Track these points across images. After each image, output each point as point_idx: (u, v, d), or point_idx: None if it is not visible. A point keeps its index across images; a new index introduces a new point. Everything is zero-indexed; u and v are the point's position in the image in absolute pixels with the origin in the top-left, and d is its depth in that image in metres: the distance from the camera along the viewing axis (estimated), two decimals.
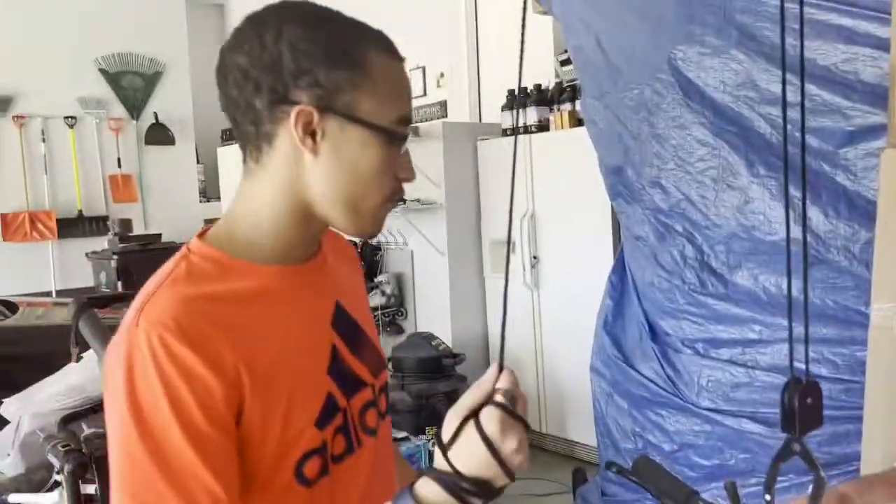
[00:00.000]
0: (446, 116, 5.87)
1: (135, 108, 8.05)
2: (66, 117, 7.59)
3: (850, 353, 2.67)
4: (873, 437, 2.48)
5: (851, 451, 2.64)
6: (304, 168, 0.89)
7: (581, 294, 3.97)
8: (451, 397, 4.01)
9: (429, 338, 4.20)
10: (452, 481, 0.76)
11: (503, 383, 0.79)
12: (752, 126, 2.83)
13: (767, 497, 1.02)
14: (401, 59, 0.94)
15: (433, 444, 0.91)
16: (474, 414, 0.77)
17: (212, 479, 0.77)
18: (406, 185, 0.96)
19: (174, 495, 0.76)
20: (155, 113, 8.15)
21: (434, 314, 4.86)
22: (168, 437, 0.76)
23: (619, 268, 3.51)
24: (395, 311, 5.00)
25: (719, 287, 2.97)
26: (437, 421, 3.52)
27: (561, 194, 4.27)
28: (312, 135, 0.86)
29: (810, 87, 2.70)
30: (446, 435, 0.78)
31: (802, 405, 0.93)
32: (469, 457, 0.76)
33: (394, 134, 0.90)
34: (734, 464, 2.92)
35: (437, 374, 4.05)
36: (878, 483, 1.09)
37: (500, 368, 0.82)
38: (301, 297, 0.94)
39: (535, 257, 4.48)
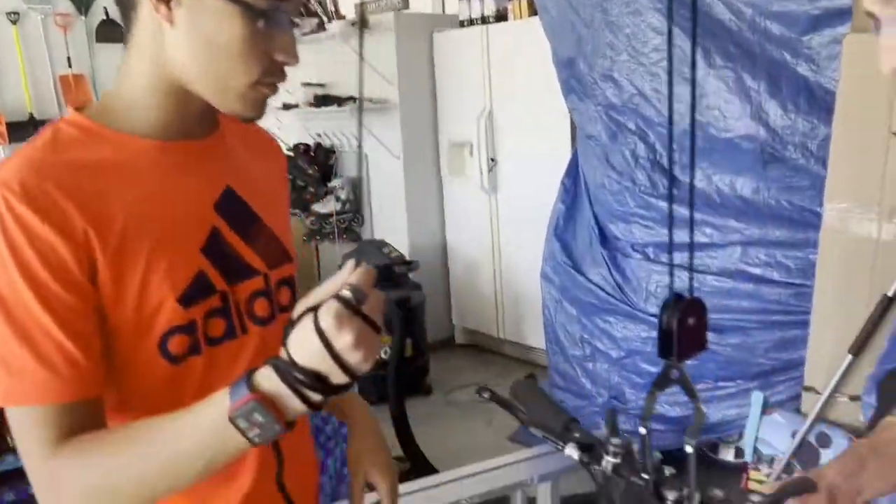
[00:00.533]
0: (407, 7, 5.49)
1: (83, 2, 7.55)
2: (9, 13, 7.11)
3: (805, 255, 2.53)
4: (821, 339, 2.38)
5: (798, 356, 2.55)
6: (165, 39, 0.85)
7: (539, 197, 3.78)
8: (404, 306, 3.91)
9: (380, 245, 4.04)
10: (286, 370, 0.73)
11: (353, 279, 0.74)
12: (709, 11, 2.58)
13: (642, 429, 0.88)
14: None
15: None
16: (317, 306, 0.73)
17: (65, 338, 0.78)
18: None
19: (27, 353, 0.77)
20: (105, 8, 7.64)
21: (390, 220, 4.68)
22: (17, 298, 0.78)
23: (573, 170, 3.32)
24: (350, 217, 4.81)
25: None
26: (389, 331, 3.36)
27: (519, 91, 4.01)
28: (167, 1, 0.82)
29: None
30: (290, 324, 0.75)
31: (683, 326, 0.80)
32: (302, 347, 0.73)
33: (253, 8, 0.82)
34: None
35: (389, 283, 3.93)
36: (870, 458, 0.96)
37: (357, 265, 0.76)
38: (178, 172, 0.91)
39: (492, 159, 4.26)
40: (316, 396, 0.74)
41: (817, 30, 2.42)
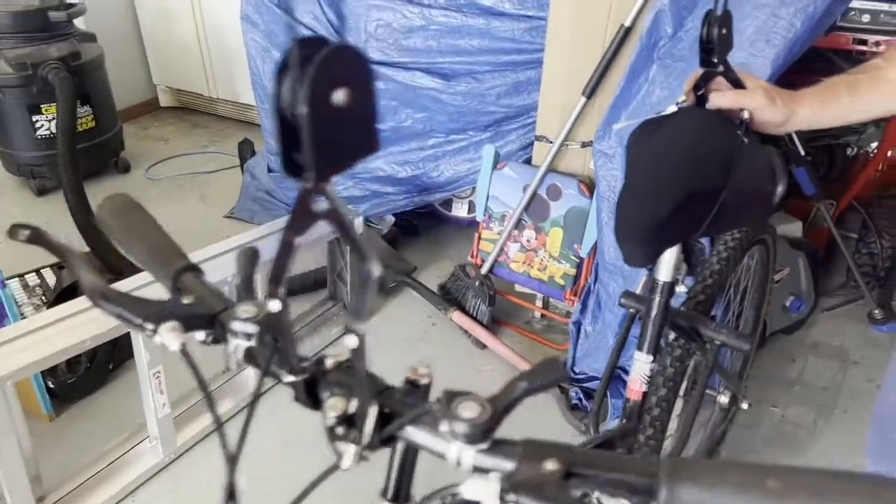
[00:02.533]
0: None
1: None
2: None
3: None
4: (554, 80, 2.11)
5: (531, 101, 2.30)
6: None
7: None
8: (70, 63, 3.04)
9: None
10: None
11: None
12: None
13: None
14: None
15: None
16: None
17: None
18: None
19: None
20: None
21: None
22: None
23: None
24: None
25: None
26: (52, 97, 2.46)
27: None
28: None
29: None
30: None
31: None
32: None
33: None
34: (411, 125, 2.49)
35: (45, 34, 2.98)
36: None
37: None
38: None
39: None
40: None
41: None
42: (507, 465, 0.43)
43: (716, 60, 0.97)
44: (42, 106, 3.01)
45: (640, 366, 1.12)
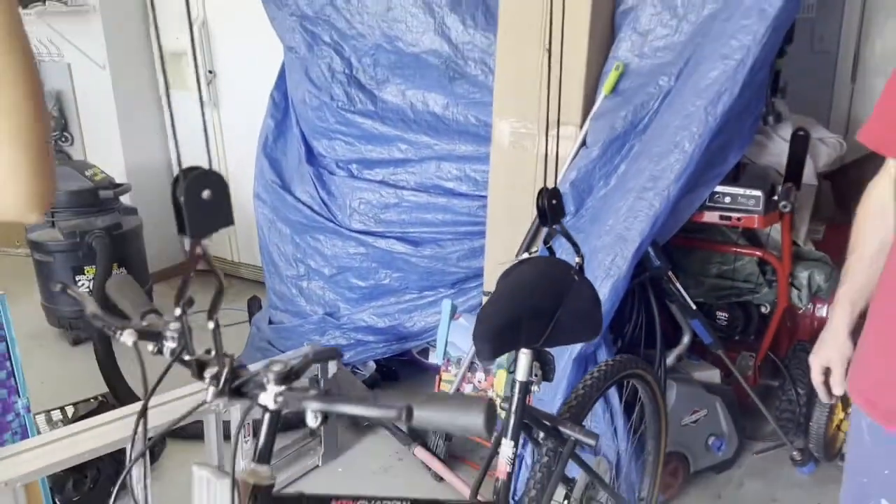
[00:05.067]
0: None
1: None
2: None
3: (488, 168, 2.65)
4: (494, 247, 2.54)
5: (483, 264, 2.72)
6: None
7: (261, 111, 3.61)
8: (113, 233, 3.61)
9: (81, 167, 3.65)
10: None
11: None
12: None
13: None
14: None
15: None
16: None
17: None
18: None
19: None
20: None
21: (104, 138, 4.24)
22: None
23: (282, 84, 3.18)
24: (57, 135, 4.29)
25: (368, 104, 2.78)
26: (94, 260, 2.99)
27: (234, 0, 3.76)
28: None
29: None
30: None
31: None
32: None
33: None
34: (388, 283, 2.92)
35: (94, 208, 3.59)
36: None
37: None
38: None
39: (210, 71, 3.99)
40: None
41: None
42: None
43: (550, 224, 1.40)
44: (85, 267, 3.54)
45: (505, 450, 1.44)
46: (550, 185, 2.28)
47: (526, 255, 1.48)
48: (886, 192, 1.28)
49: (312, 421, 0.85)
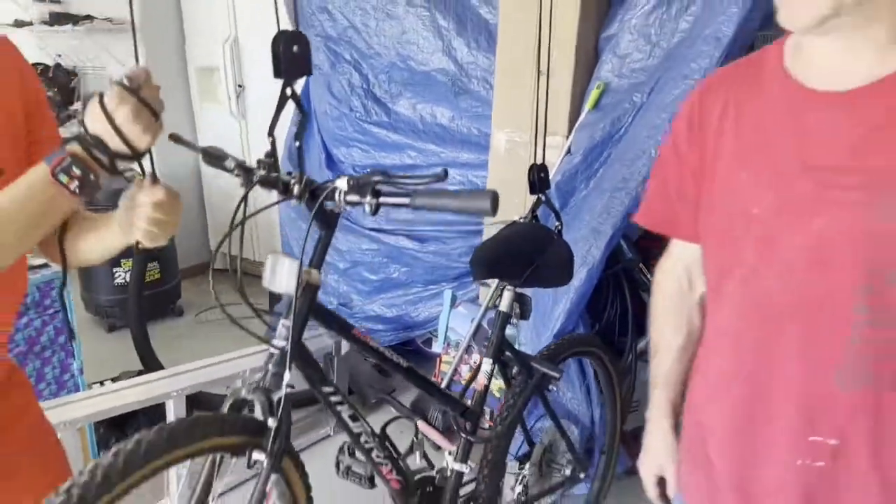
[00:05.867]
0: None
1: None
2: None
3: (485, 175, 2.99)
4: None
5: None
6: None
7: (286, 124, 3.96)
8: None
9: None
10: (83, 136, 0.99)
11: (127, 71, 0.98)
12: None
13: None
14: None
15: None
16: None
17: None
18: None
19: None
20: None
21: None
22: None
23: (305, 97, 3.54)
24: None
25: (383, 116, 3.13)
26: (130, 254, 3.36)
27: (263, 18, 4.12)
28: None
29: None
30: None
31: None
32: (90, 118, 0.99)
33: None
34: (397, 277, 3.24)
35: None
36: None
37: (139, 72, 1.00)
38: None
39: (240, 85, 4.36)
40: (103, 157, 0.99)
41: None
42: None
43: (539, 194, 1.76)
44: (122, 260, 3.89)
45: (485, 367, 1.78)
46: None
47: (517, 218, 1.86)
48: (679, 282, 1.19)
49: (368, 209, 1.19)
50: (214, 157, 1.35)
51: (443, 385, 2.95)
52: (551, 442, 2.13)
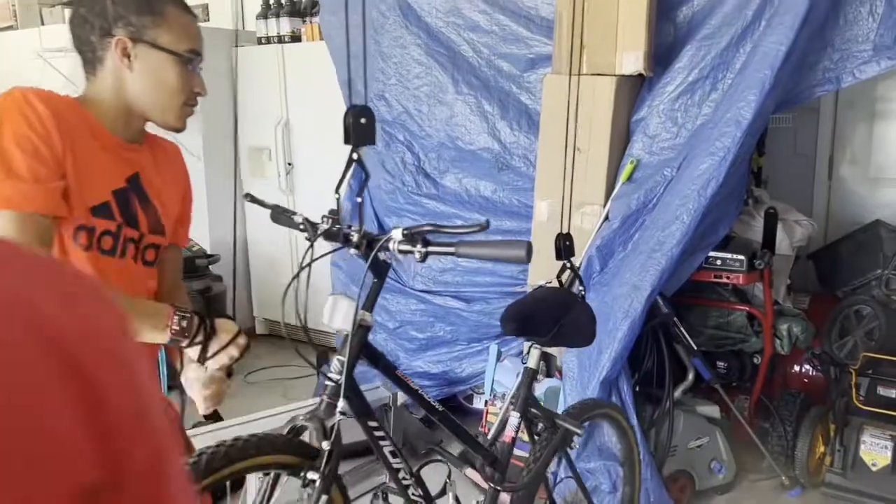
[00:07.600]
0: (208, 20, 5.80)
1: None
2: None
3: (528, 241, 3.29)
4: None
5: None
6: (125, 79, 1.35)
7: (332, 197, 4.29)
8: (205, 294, 4.25)
9: None
10: (204, 324, 1.35)
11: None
12: (457, 49, 3.29)
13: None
14: (191, 13, 1.43)
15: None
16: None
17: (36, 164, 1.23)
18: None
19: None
20: None
21: (194, 218, 4.91)
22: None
23: (358, 173, 3.89)
24: None
25: (432, 189, 3.47)
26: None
27: (313, 103, 4.53)
28: (128, 56, 1.33)
29: (501, 18, 3.20)
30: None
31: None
32: (222, 327, 1.40)
33: (184, 58, 1.36)
34: (443, 335, 3.51)
35: (192, 274, 4.25)
36: None
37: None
38: (113, 152, 1.38)
39: (289, 164, 4.74)
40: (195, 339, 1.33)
41: (533, 69, 3.21)
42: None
43: (566, 261, 2.03)
44: None
45: (512, 420, 2.00)
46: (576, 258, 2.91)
47: (545, 283, 2.13)
48: None
49: (418, 256, 1.43)
50: (283, 214, 1.63)
51: (490, 435, 3.18)
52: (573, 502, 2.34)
